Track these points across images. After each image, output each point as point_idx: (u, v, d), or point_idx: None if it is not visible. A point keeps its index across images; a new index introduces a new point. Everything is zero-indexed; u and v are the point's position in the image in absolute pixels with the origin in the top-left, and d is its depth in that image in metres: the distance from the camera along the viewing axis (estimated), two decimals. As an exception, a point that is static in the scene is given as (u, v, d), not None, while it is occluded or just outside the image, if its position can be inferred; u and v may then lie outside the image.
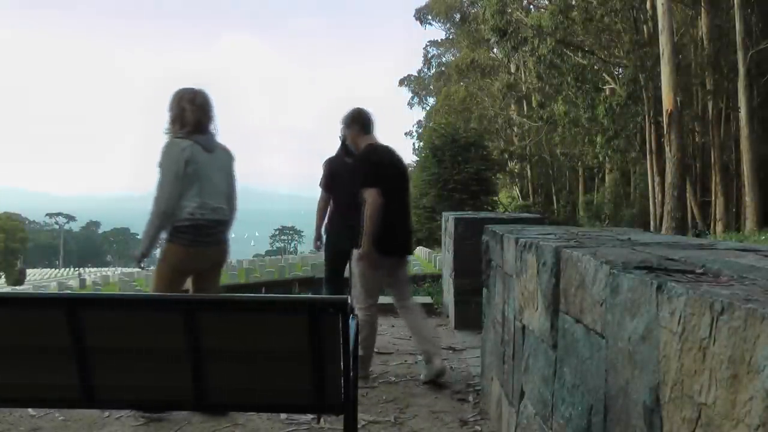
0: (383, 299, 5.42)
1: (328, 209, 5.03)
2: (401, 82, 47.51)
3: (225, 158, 3.69)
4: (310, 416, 3.21)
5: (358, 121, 4.31)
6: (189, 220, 3.44)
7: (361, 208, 4.12)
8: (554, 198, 33.90)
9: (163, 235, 3.51)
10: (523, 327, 2.41)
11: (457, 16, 36.97)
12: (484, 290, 3.57)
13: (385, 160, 4.23)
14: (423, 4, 39.20)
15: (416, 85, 46.19)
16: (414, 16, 39.32)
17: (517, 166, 35.47)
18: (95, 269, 51.05)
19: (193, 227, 3.45)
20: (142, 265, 3.78)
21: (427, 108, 44.93)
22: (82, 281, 26.36)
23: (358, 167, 4.24)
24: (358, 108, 4.36)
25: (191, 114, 3.53)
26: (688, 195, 20.07)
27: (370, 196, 4.02)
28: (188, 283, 3.68)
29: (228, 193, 3.67)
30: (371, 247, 4.04)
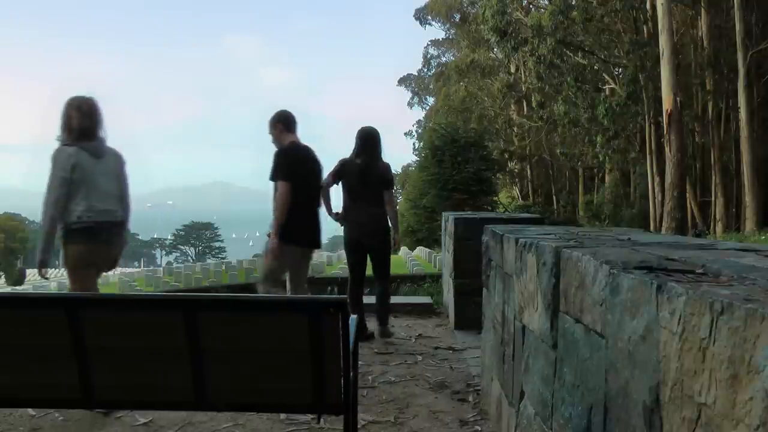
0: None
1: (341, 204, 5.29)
2: (401, 82, 47.52)
3: (114, 163, 3.91)
4: (310, 416, 3.21)
5: (282, 121, 4.73)
6: (78, 223, 3.67)
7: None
8: (554, 198, 33.89)
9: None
10: (523, 327, 2.41)
11: (457, 17, 36.98)
12: (484, 290, 3.57)
13: (300, 157, 4.64)
14: (422, 4, 39.22)
15: (416, 85, 46.19)
16: (413, 16, 39.34)
17: (517, 166, 35.48)
18: (95, 269, 50.97)
19: (84, 229, 3.69)
20: (47, 276, 3.99)
21: (427, 108, 44.95)
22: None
23: (274, 161, 4.57)
24: (283, 109, 4.80)
25: (78, 121, 3.73)
26: (688, 195, 20.06)
27: (282, 188, 4.41)
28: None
29: (118, 196, 3.89)
30: (277, 238, 4.44)
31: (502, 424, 2.89)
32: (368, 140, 5.28)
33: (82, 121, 3.74)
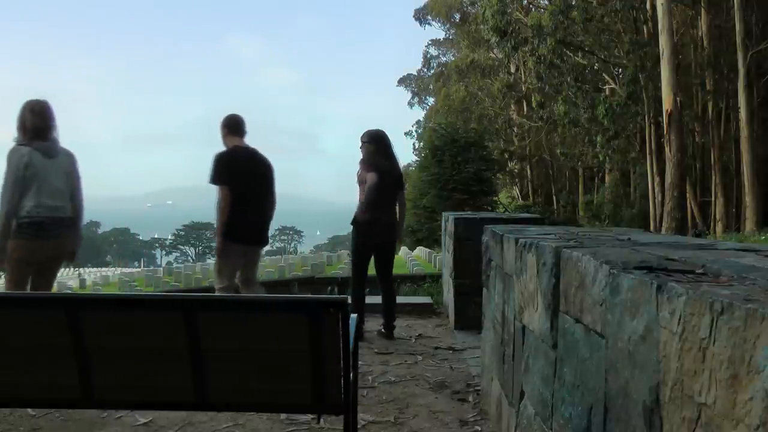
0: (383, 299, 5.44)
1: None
2: (401, 82, 47.52)
3: (66, 162, 4.18)
4: (310, 416, 3.21)
5: (228, 125, 4.88)
6: (27, 217, 3.93)
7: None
8: (554, 198, 33.88)
9: None
10: (523, 327, 2.41)
11: (457, 17, 36.98)
12: (484, 290, 3.57)
13: (240, 160, 4.79)
14: (422, 4, 39.21)
15: (416, 85, 46.18)
16: (413, 16, 39.33)
17: (517, 166, 35.47)
18: (95, 269, 51.02)
19: (33, 224, 3.95)
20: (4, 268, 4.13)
21: (427, 108, 44.94)
22: (82, 281, 26.35)
23: (212, 165, 4.77)
24: (231, 113, 4.94)
25: (31, 123, 4.00)
26: (688, 195, 20.06)
27: (220, 192, 4.67)
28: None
29: (69, 193, 4.15)
30: (222, 237, 4.70)
31: (502, 424, 2.89)
32: (386, 143, 5.42)
33: (35, 123, 4.00)
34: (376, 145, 5.34)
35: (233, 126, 4.88)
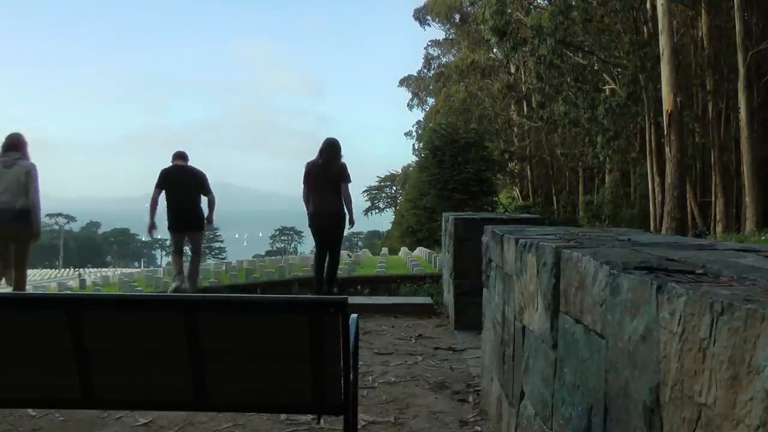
0: (385, 300, 5.43)
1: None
2: (401, 83, 47.55)
3: (22, 170, 5.85)
4: (310, 416, 3.21)
5: (174, 155, 7.18)
6: None
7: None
8: (554, 198, 33.89)
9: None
10: (523, 327, 2.41)
11: (457, 17, 36.97)
12: (484, 290, 3.57)
13: (171, 173, 6.97)
14: (421, 4, 39.20)
15: (416, 85, 46.21)
16: (413, 16, 39.33)
17: (517, 167, 35.48)
18: (95, 269, 51.05)
19: None
20: None
21: (427, 109, 44.96)
22: (83, 281, 26.36)
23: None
24: (178, 150, 7.22)
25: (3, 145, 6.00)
26: (688, 195, 20.05)
27: (153, 194, 7.05)
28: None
29: (23, 192, 5.78)
30: (153, 226, 7.36)
31: (502, 424, 2.89)
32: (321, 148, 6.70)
33: (4, 145, 5.97)
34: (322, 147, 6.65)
35: (175, 156, 7.16)
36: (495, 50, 31.10)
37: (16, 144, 5.96)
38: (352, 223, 6.72)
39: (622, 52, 23.71)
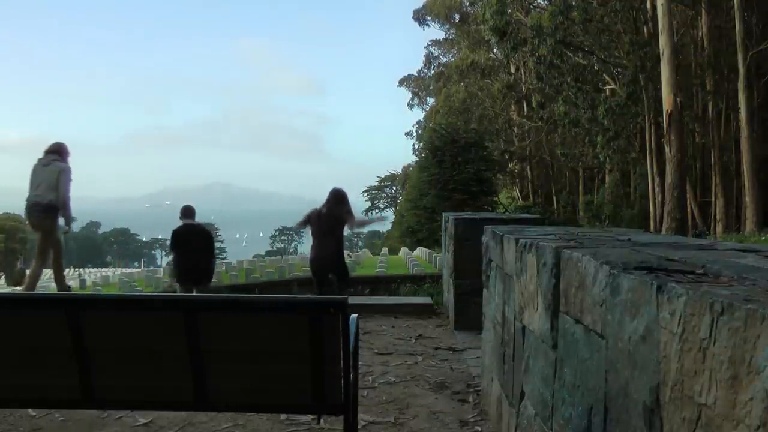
0: (385, 300, 5.43)
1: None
2: (401, 83, 47.52)
3: (53, 169, 6.68)
4: (310, 416, 3.21)
5: (181, 211, 7.69)
6: (26, 203, 6.80)
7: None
8: (554, 198, 33.87)
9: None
10: (523, 327, 2.41)
11: (457, 17, 36.95)
12: (484, 291, 3.57)
13: (181, 233, 7.54)
14: (421, 4, 39.15)
15: (416, 85, 46.18)
16: (412, 17, 39.28)
17: (517, 167, 35.46)
18: (95, 270, 51.03)
19: (26, 207, 6.79)
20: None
21: (427, 108, 44.94)
22: (83, 282, 26.35)
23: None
24: (186, 205, 7.77)
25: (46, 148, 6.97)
26: (688, 195, 20.04)
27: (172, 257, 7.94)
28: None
29: (53, 188, 6.60)
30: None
31: (502, 424, 2.89)
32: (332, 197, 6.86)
33: (47, 150, 6.85)
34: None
35: (182, 213, 7.65)
36: (495, 50, 31.08)
37: (57, 150, 6.85)
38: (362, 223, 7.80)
39: (622, 52, 23.69)
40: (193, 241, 7.47)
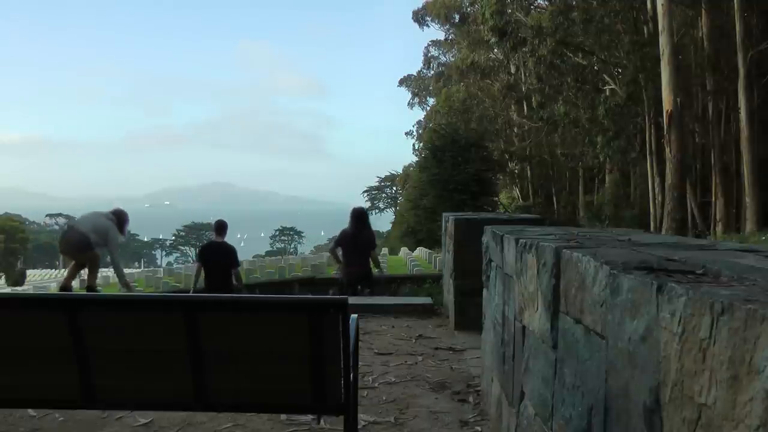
0: (385, 300, 5.43)
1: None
2: (401, 83, 47.51)
3: (97, 217, 7.81)
4: (310, 416, 3.21)
5: (215, 227, 8.44)
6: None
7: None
8: (554, 199, 33.86)
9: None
10: (524, 327, 2.41)
11: (456, 17, 36.92)
12: (485, 291, 3.57)
13: (206, 249, 8.46)
14: (420, 5, 39.10)
15: (416, 85, 46.17)
16: (412, 18, 39.23)
17: (517, 167, 35.44)
18: (95, 270, 50.88)
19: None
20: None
21: (427, 108, 44.93)
22: (83, 282, 26.34)
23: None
24: (219, 220, 8.48)
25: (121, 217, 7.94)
26: (688, 196, 20.03)
27: (196, 266, 8.67)
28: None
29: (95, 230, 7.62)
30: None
31: (502, 424, 2.89)
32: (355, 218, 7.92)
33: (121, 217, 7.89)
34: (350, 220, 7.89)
35: (216, 229, 8.34)
36: (495, 50, 31.05)
37: (116, 215, 7.82)
38: (379, 267, 8.54)
39: (622, 52, 23.67)
40: (219, 258, 8.07)
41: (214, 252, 8.20)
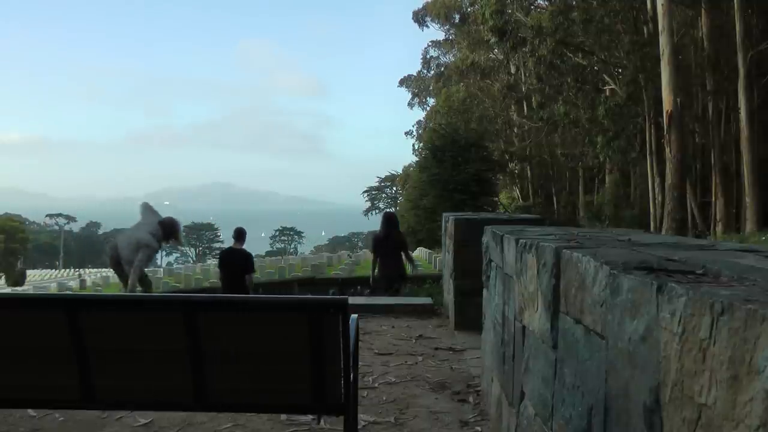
0: (385, 300, 5.43)
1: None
2: (401, 83, 47.51)
3: (134, 231, 7.65)
4: (310, 416, 3.21)
5: (234, 235, 8.58)
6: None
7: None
8: (554, 199, 33.85)
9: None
10: (524, 328, 2.41)
11: (456, 17, 36.92)
12: (485, 291, 3.57)
13: (224, 255, 8.71)
14: (420, 5, 39.09)
15: (416, 85, 46.17)
16: (412, 18, 39.22)
17: (517, 167, 35.43)
18: (95, 270, 51.03)
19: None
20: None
21: (427, 109, 44.92)
22: (83, 282, 26.36)
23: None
24: (239, 227, 8.61)
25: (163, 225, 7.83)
26: (688, 196, 20.03)
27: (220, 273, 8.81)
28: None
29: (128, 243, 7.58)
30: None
31: (502, 424, 2.89)
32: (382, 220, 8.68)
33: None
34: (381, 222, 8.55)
35: (235, 236, 8.53)
36: (495, 50, 31.05)
37: (164, 224, 7.66)
38: (414, 266, 9.23)
39: (622, 52, 23.66)
40: (235, 264, 8.38)
41: (231, 257, 8.52)
